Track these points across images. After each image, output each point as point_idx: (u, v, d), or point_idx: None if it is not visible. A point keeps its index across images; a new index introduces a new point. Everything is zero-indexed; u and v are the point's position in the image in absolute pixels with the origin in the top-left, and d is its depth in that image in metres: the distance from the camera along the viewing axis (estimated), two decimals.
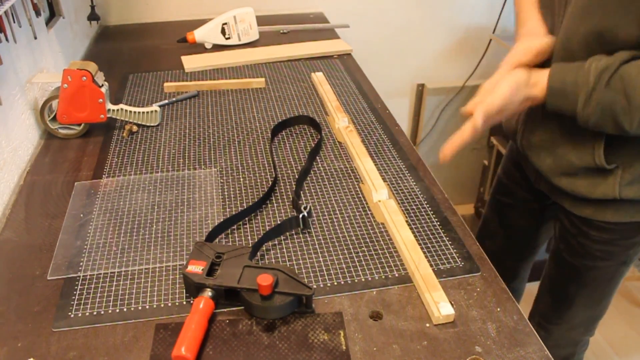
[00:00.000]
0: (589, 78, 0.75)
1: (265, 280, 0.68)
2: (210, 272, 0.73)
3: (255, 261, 0.79)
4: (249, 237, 0.85)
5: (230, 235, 0.85)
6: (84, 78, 1.07)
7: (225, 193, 0.95)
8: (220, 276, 0.72)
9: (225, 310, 0.72)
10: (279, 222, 0.86)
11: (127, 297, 0.74)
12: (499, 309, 0.72)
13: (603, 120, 0.76)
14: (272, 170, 1.01)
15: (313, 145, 1.09)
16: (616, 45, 0.76)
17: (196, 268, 0.73)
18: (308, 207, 0.87)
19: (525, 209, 1.15)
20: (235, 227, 0.87)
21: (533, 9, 0.93)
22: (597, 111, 0.76)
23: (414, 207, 0.91)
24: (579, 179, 0.89)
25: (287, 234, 0.85)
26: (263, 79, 1.36)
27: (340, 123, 1.09)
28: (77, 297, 0.74)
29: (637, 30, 0.74)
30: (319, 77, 1.34)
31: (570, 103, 0.78)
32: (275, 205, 0.92)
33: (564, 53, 0.83)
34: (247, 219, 0.89)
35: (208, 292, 0.70)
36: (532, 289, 1.30)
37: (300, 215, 0.85)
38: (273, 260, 0.80)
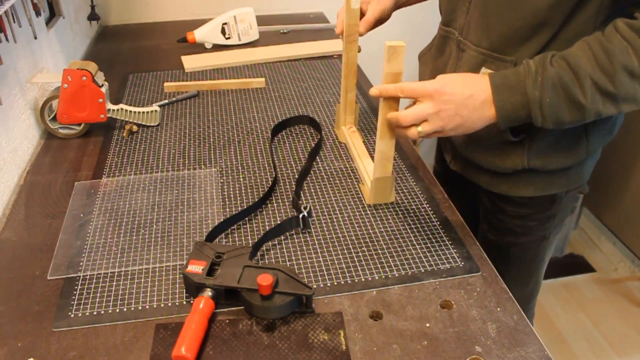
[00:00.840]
0: (530, 67, 0.75)
1: (265, 280, 0.68)
2: (210, 272, 0.73)
3: (255, 261, 0.79)
4: (249, 237, 0.85)
5: (230, 235, 0.85)
6: (84, 78, 1.07)
7: (225, 193, 0.95)
8: (220, 276, 0.72)
9: (225, 310, 0.72)
10: (279, 222, 0.86)
11: (127, 297, 0.74)
12: (499, 309, 0.72)
13: (557, 95, 0.74)
14: (272, 170, 1.01)
15: (313, 145, 1.09)
16: (531, 15, 0.79)
17: (196, 268, 0.73)
18: (308, 207, 0.87)
19: (461, 195, 1.11)
20: (235, 227, 0.87)
21: None
22: (549, 87, 0.74)
23: (414, 207, 0.91)
24: (490, 151, 0.91)
25: (287, 234, 0.85)
26: (263, 79, 1.36)
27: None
28: (77, 297, 0.74)
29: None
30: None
31: (517, 92, 0.75)
32: (275, 205, 0.92)
33: (481, 29, 0.86)
34: (247, 218, 0.89)
35: (208, 292, 0.70)
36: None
37: (301, 215, 0.85)
38: (273, 260, 0.80)
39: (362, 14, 1.06)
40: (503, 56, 0.84)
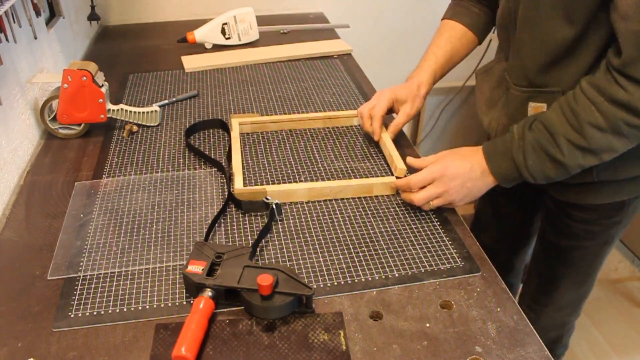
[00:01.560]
0: (513, 134, 0.85)
1: (265, 280, 0.68)
2: (210, 272, 0.73)
3: (255, 261, 0.79)
4: (249, 237, 0.85)
5: (230, 235, 0.85)
6: (84, 78, 1.07)
7: (225, 193, 0.95)
8: (220, 276, 0.72)
9: (225, 310, 0.72)
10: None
11: (127, 297, 0.74)
12: (499, 309, 0.72)
13: (538, 157, 0.83)
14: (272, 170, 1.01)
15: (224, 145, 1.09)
16: (556, 49, 0.85)
17: (196, 268, 0.73)
18: (270, 199, 0.88)
19: (516, 196, 1.17)
20: (235, 226, 0.87)
21: (436, 54, 1.09)
22: (530, 151, 0.83)
23: (414, 207, 0.91)
24: None
25: (288, 234, 0.85)
26: (355, 114, 1.17)
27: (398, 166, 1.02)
28: (77, 297, 0.74)
29: (568, 29, 0.82)
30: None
31: (506, 158, 0.85)
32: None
33: (519, 71, 0.92)
34: (246, 218, 0.89)
35: (208, 292, 0.70)
36: None
37: (271, 207, 0.87)
38: (273, 260, 0.80)
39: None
40: (547, 88, 0.89)
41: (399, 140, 1.10)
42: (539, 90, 0.90)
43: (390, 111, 1.08)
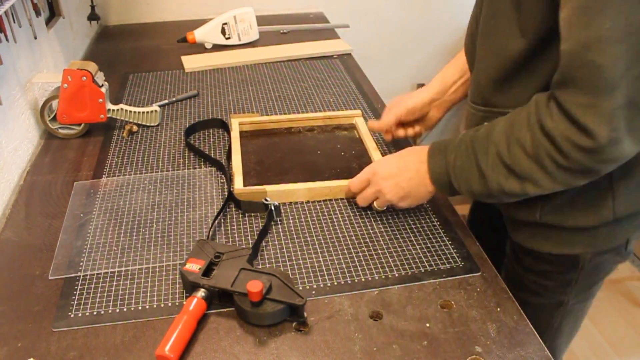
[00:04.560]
0: (458, 137, 0.79)
1: (254, 287, 0.67)
2: (208, 271, 0.73)
3: (256, 262, 0.79)
4: (249, 237, 0.85)
5: (230, 236, 0.85)
6: (84, 78, 1.07)
7: (225, 193, 0.95)
8: (216, 277, 0.71)
9: (220, 310, 0.72)
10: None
11: (127, 296, 0.74)
12: (499, 309, 0.72)
13: (467, 159, 0.75)
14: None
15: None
16: (509, 64, 0.75)
17: (194, 267, 0.72)
18: (269, 200, 0.88)
19: (494, 223, 1.04)
20: (235, 226, 0.87)
21: (450, 67, 1.01)
22: (462, 150, 0.76)
23: (414, 207, 0.91)
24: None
25: (288, 234, 0.85)
26: (359, 112, 1.17)
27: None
28: (77, 297, 0.74)
29: (520, 42, 0.72)
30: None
31: (442, 154, 0.79)
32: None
33: (475, 87, 0.84)
34: (245, 218, 0.89)
35: (201, 292, 0.70)
36: None
37: (268, 209, 0.86)
38: (273, 260, 0.80)
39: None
40: (500, 109, 0.79)
41: (399, 140, 1.10)
42: (492, 111, 0.80)
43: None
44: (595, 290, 0.93)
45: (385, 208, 0.89)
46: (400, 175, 0.83)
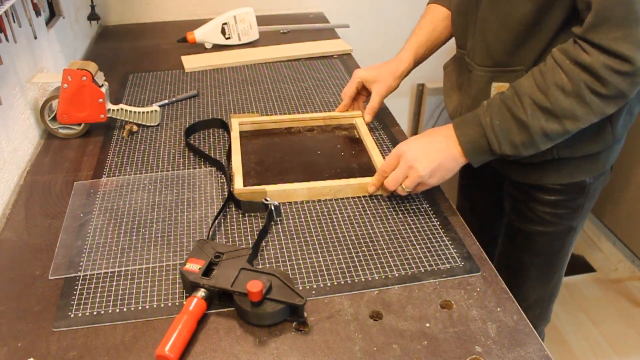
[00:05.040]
0: (483, 104, 0.86)
1: (254, 286, 0.67)
2: (208, 271, 0.72)
3: (256, 262, 0.79)
4: (249, 237, 0.85)
5: (229, 235, 0.85)
6: (84, 78, 1.07)
7: (225, 193, 0.95)
8: (216, 277, 0.71)
9: (220, 310, 0.72)
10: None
11: (127, 297, 0.74)
12: (499, 309, 0.72)
13: (503, 117, 0.83)
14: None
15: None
16: (519, 26, 0.86)
17: (194, 266, 0.72)
18: (269, 199, 0.88)
19: (486, 187, 1.18)
20: (235, 226, 0.87)
21: (417, 34, 1.12)
22: (496, 111, 0.83)
23: (414, 207, 0.91)
24: None
25: (288, 234, 0.85)
26: (359, 112, 1.17)
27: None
28: (77, 297, 0.74)
29: (528, 5, 0.83)
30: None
31: (474, 124, 0.85)
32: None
33: (484, 51, 0.93)
34: (245, 218, 0.89)
35: (201, 292, 0.70)
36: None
37: (268, 209, 0.87)
38: (273, 260, 0.80)
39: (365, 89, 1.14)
40: (510, 67, 0.91)
41: (399, 139, 1.10)
42: (502, 70, 0.92)
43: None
44: (588, 213, 1.09)
45: (410, 191, 0.89)
46: (430, 149, 0.86)
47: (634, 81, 0.76)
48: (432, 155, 0.86)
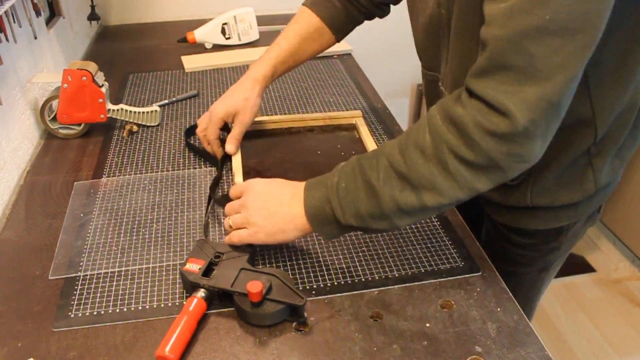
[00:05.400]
0: (338, 165, 0.73)
1: (254, 287, 0.67)
2: (207, 271, 0.72)
3: (256, 262, 0.79)
4: None
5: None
6: (84, 78, 1.07)
7: (226, 192, 0.95)
8: (216, 277, 0.71)
9: (221, 310, 0.72)
10: None
11: (127, 297, 0.74)
12: (499, 309, 0.72)
13: (354, 179, 0.69)
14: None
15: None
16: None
17: (194, 267, 0.72)
18: None
19: (469, 219, 1.04)
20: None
21: (281, 46, 1.01)
22: (347, 172, 0.70)
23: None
24: (493, 189, 0.73)
25: None
26: (359, 112, 1.18)
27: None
28: (77, 297, 0.74)
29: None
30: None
31: (323, 186, 0.71)
32: None
33: (456, 81, 0.81)
34: None
35: (201, 293, 0.70)
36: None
37: None
38: (273, 260, 0.80)
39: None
40: None
41: None
42: None
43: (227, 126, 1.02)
44: (570, 249, 1.00)
45: (234, 230, 0.78)
46: (271, 197, 0.75)
47: (510, 150, 0.60)
48: (271, 206, 0.74)
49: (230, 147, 1.01)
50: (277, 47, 1.02)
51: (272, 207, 0.74)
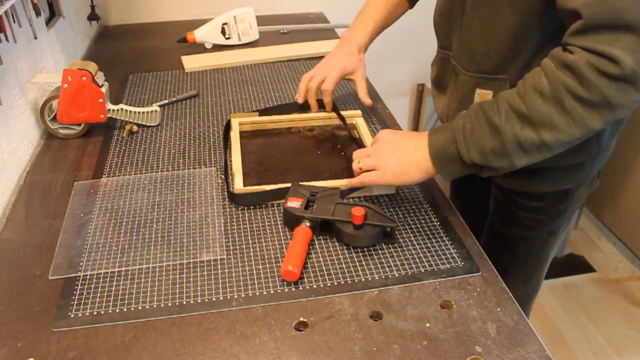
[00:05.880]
0: (461, 112, 0.81)
1: (358, 211, 0.79)
2: (307, 207, 0.83)
3: (256, 259, 0.80)
4: (249, 237, 0.85)
5: (230, 235, 0.85)
6: (84, 78, 1.07)
7: (225, 192, 0.95)
8: (316, 210, 0.83)
9: (222, 310, 0.72)
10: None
11: (127, 297, 0.74)
12: (499, 309, 0.72)
13: (477, 120, 0.77)
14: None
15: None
16: (503, 35, 0.84)
17: (295, 204, 0.84)
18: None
19: (477, 189, 1.18)
20: (235, 226, 0.87)
21: (374, 19, 1.15)
22: (471, 115, 0.78)
23: (414, 207, 0.91)
24: None
25: (288, 234, 0.85)
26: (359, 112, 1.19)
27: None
28: (77, 297, 0.74)
29: (512, 15, 0.81)
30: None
31: (446, 129, 0.81)
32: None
33: (468, 56, 0.92)
34: (245, 218, 0.89)
35: (307, 223, 0.82)
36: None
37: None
38: (273, 260, 0.80)
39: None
40: (495, 75, 0.89)
41: None
42: (486, 77, 0.90)
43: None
44: (573, 217, 1.09)
45: (364, 171, 0.87)
46: (398, 143, 0.85)
47: (621, 87, 0.68)
48: (397, 150, 0.84)
49: (369, 100, 1.14)
50: (369, 20, 1.15)
51: (399, 151, 0.84)
